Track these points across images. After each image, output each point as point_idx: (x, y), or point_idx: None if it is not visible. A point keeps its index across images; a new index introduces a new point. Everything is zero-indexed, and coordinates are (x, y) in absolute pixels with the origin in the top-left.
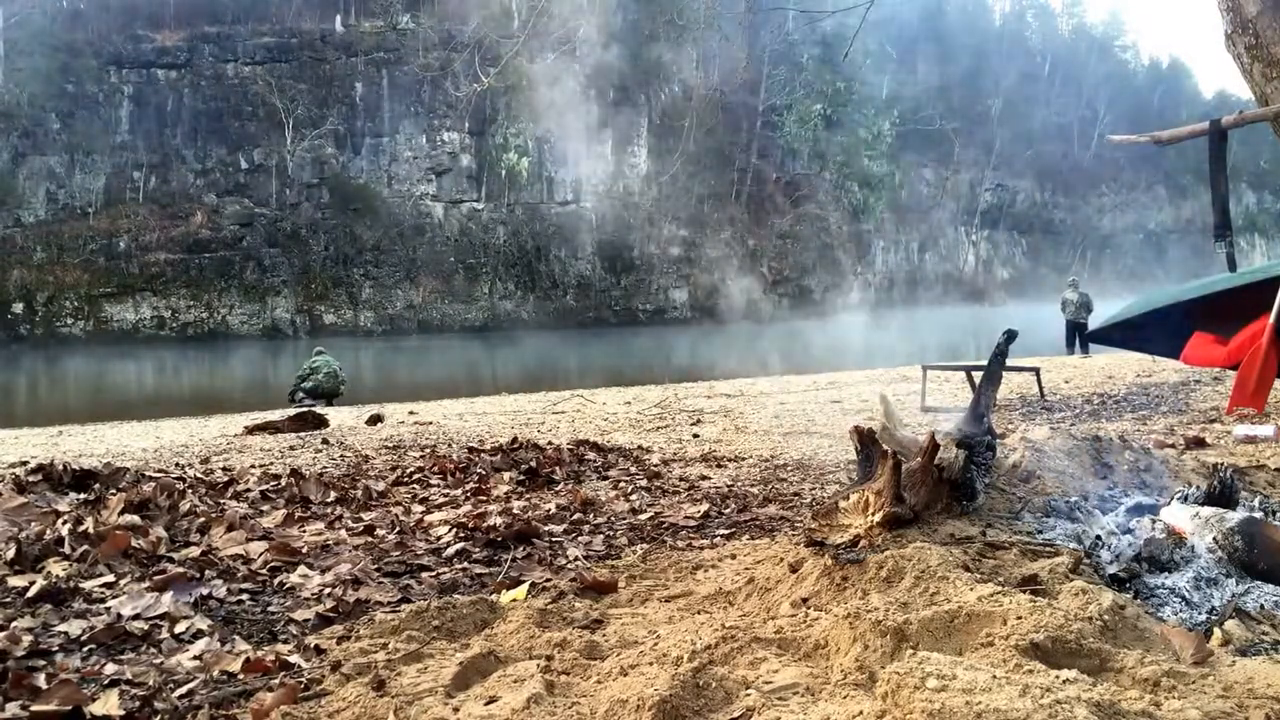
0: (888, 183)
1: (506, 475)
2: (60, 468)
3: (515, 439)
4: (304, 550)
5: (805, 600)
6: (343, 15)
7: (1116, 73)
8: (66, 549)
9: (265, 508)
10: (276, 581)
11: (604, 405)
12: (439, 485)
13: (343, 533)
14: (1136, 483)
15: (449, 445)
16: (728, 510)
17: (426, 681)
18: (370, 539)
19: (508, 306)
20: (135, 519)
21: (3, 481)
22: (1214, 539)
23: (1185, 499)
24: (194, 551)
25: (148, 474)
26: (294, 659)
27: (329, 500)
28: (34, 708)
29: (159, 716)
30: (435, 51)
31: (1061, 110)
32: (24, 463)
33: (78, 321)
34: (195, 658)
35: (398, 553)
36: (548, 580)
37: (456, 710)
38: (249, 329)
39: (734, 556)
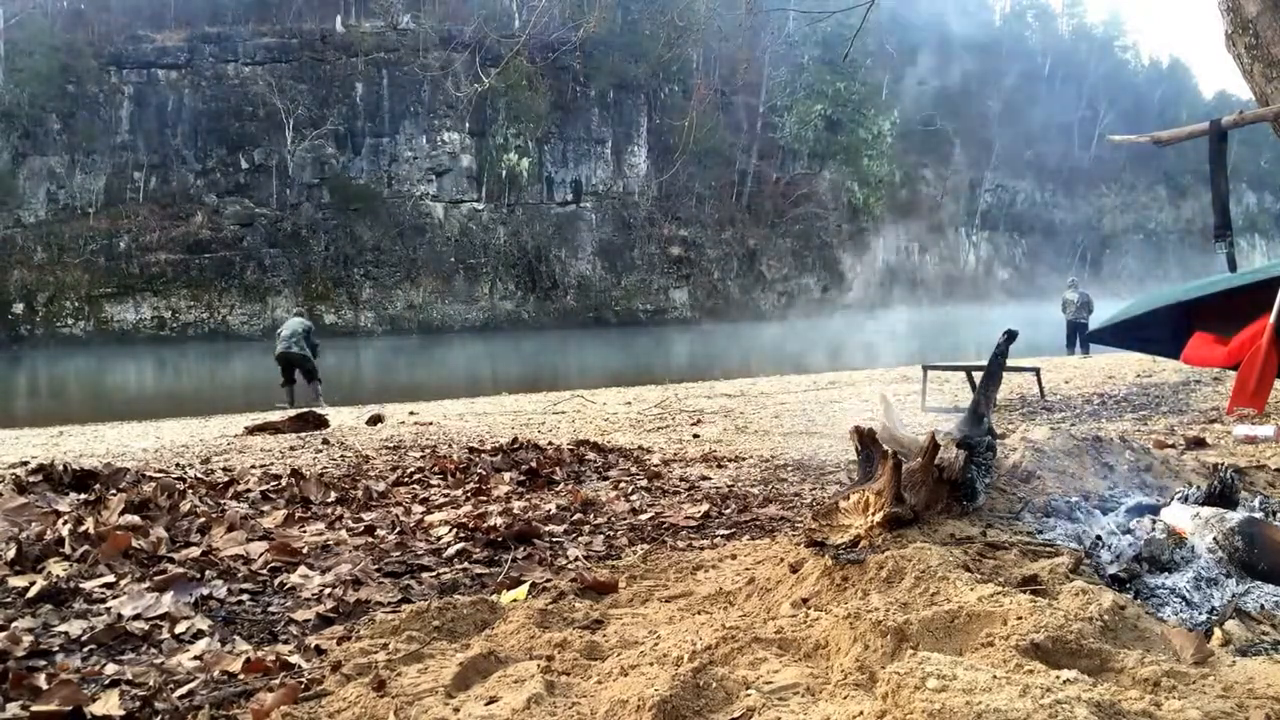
0: (888, 183)
1: (507, 475)
2: (61, 468)
3: (515, 439)
4: (304, 550)
5: (805, 600)
6: (343, 15)
7: (1116, 73)
8: (67, 549)
9: (266, 508)
10: (277, 582)
11: (604, 405)
12: (439, 485)
13: (343, 533)
14: (1136, 483)
15: (449, 445)
16: (728, 510)
17: (427, 682)
18: (370, 539)
19: (508, 306)
20: (136, 519)
21: (3, 482)
22: (1214, 539)
23: (1185, 499)
24: (194, 552)
25: (148, 474)
26: (294, 659)
27: (329, 500)
28: (34, 708)
29: (159, 717)
30: (435, 51)
31: (1061, 110)
32: (24, 463)
33: (78, 322)
34: (196, 658)
35: (398, 553)
36: (548, 580)
37: (457, 710)
38: (249, 329)
39: (734, 557)
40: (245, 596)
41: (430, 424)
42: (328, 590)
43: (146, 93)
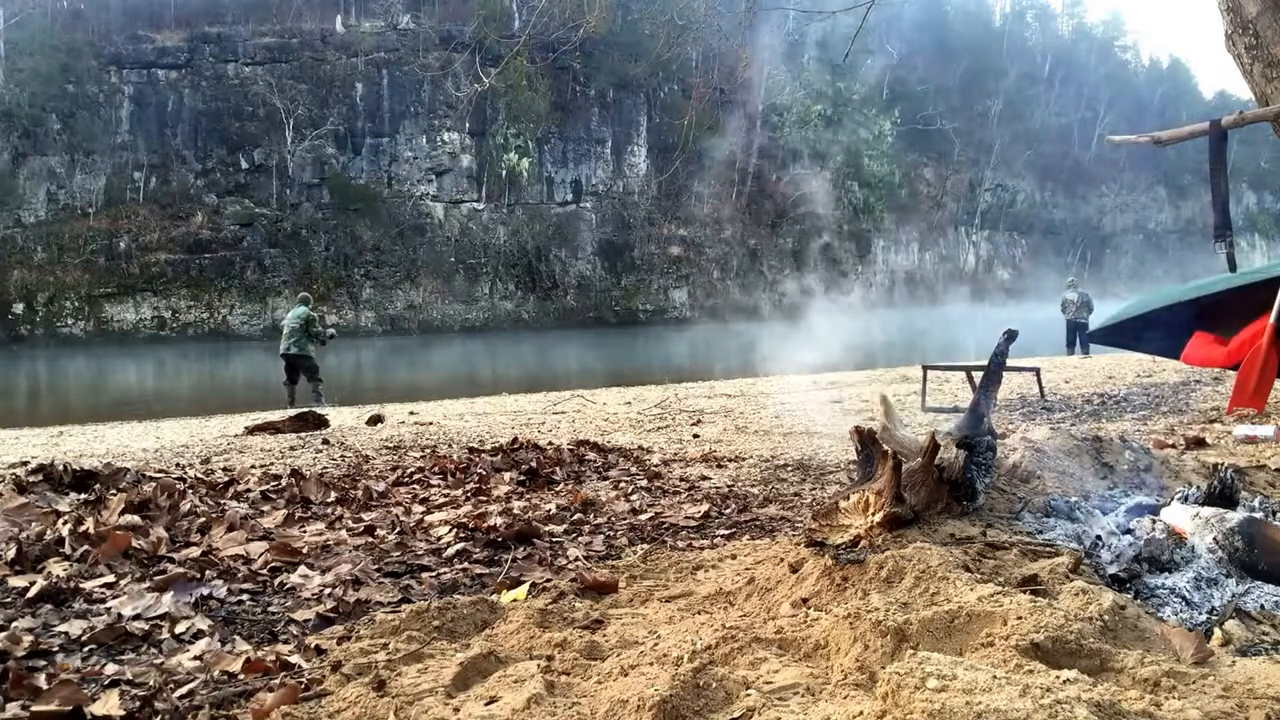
0: (888, 183)
1: (507, 475)
2: (61, 468)
3: (515, 439)
4: (304, 550)
5: (806, 600)
6: (343, 15)
7: (1116, 73)
8: (67, 549)
9: (266, 508)
10: (277, 582)
11: (604, 405)
12: (439, 485)
13: (343, 533)
14: (1136, 483)
15: (449, 445)
16: (728, 510)
17: (427, 681)
18: (371, 539)
19: (508, 306)
20: (136, 519)
21: (3, 482)
22: (1214, 539)
23: (1185, 499)
24: (194, 552)
25: (148, 474)
26: (294, 659)
27: (329, 500)
28: (34, 708)
29: (159, 717)
30: (435, 51)
31: (1061, 110)
32: (24, 463)
33: (78, 322)
34: (196, 658)
35: (398, 553)
36: (548, 580)
37: (457, 710)
38: (249, 329)
39: (734, 557)
40: (245, 596)
41: (430, 424)
42: (328, 590)
43: (146, 93)
